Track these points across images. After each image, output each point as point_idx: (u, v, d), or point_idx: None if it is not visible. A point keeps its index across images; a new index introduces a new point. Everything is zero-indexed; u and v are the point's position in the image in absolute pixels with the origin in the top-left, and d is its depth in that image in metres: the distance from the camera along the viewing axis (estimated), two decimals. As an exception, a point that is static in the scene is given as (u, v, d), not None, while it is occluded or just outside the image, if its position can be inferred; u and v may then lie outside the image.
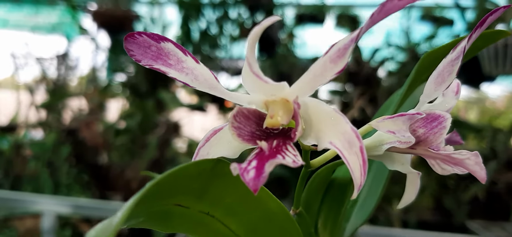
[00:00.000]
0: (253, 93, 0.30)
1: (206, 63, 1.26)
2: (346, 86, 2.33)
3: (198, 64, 0.28)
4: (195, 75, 0.29)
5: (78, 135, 2.44)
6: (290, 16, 2.86)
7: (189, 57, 0.28)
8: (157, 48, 0.27)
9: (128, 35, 0.27)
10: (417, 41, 2.46)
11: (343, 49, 0.26)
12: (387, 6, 0.26)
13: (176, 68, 0.28)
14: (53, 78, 3.01)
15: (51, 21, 3.44)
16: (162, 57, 0.27)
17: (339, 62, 0.27)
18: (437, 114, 0.33)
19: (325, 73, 0.27)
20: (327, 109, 0.28)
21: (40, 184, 2.43)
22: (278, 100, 0.29)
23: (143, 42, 0.27)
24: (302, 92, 0.29)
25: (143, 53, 0.27)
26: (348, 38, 0.26)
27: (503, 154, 2.25)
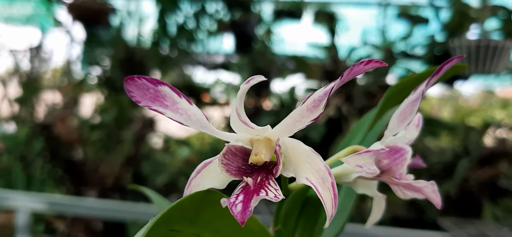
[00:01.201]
0: (239, 133, 0.33)
1: (183, 58, 1.25)
2: (322, 84, 2.34)
3: (191, 105, 0.31)
4: (189, 115, 0.31)
5: (52, 130, 2.40)
6: (267, 12, 2.85)
7: (183, 99, 0.30)
8: (155, 90, 0.30)
9: (129, 78, 0.29)
10: (393, 39, 2.48)
11: (317, 100, 0.31)
12: (354, 69, 0.29)
13: (171, 109, 0.30)
14: (26, 70, 2.96)
15: (25, 13, 3.37)
16: (159, 99, 0.30)
17: (314, 111, 0.31)
18: (399, 147, 0.37)
19: (302, 119, 0.32)
20: (305, 148, 0.33)
21: (12, 178, 2.40)
22: (262, 139, 0.33)
23: (142, 85, 0.29)
24: (283, 134, 0.33)
25: (142, 95, 0.30)
26: (322, 92, 0.30)
27: (475, 151, 2.29)
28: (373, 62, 0.29)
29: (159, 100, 0.30)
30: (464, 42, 2.02)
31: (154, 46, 2.74)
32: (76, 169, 2.44)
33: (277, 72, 2.65)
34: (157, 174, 2.41)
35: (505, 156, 2.32)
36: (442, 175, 2.29)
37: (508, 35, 2.09)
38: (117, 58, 2.64)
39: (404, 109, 0.37)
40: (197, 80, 2.85)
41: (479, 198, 2.22)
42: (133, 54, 2.65)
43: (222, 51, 2.97)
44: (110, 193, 2.34)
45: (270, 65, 2.63)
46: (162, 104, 0.30)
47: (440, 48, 2.30)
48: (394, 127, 0.38)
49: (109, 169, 2.34)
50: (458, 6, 2.22)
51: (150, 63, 2.68)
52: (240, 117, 0.31)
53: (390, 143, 0.38)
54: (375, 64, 0.29)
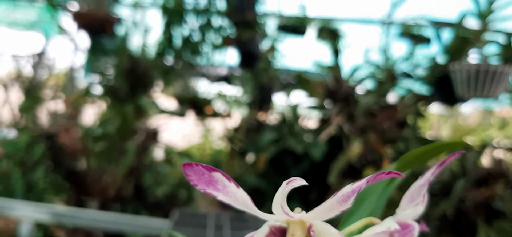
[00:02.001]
0: (278, 215, 0.37)
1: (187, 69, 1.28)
2: (325, 103, 2.37)
3: (238, 189, 0.34)
4: (237, 198, 0.35)
5: (56, 139, 2.41)
6: (272, 27, 2.88)
7: (232, 184, 0.34)
8: (209, 176, 0.33)
9: (187, 164, 0.33)
10: (395, 59, 2.51)
11: (346, 196, 0.34)
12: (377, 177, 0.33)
13: (222, 192, 0.34)
14: (28, 76, 2.97)
15: (30, 18, 3.38)
16: (212, 183, 0.34)
17: (343, 204, 0.34)
18: (408, 224, 0.42)
19: (332, 210, 0.35)
20: (334, 232, 0.36)
21: (11, 184, 2.40)
22: (297, 221, 0.37)
23: (198, 171, 0.33)
24: (316, 219, 0.36)
25: (198, 179, 0.33)
26: (350, 189, 0.33)
27: (472, 172, 2.32)
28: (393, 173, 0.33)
29: (212, 184, 0.34)
30: (464, 66, 2.05)
31: (158, 56, 2.76)
32: (78, 179, 2.45)
33: (279, 87, 2.67)
34: (158, 185, 2.43)
35: (501, 177, 2.34)
36: (440, 195, 2.31)
37: (507, 60, 2.13)
38: (121, 67, 2.65)
39: (413, 192, 0.42)
40: (200, 91, 2.87)
41: (475, 219, 2.24)
42: (138, 64, 2.66)
43: (226, 64, 3.00)
44: (112, 204, 2.36)
45: (272, 81, 2.66)
46: (215, 188, 0.34)
47: (441, 70, 2.33)
48: (404, 207, 0.43)
49: (111, 180, 2.35)
50: (459, 30, 2.25)
51: (154, 73, 2.70)
52: (283, 208, 0.35)
53: (401, 219, 0.43)
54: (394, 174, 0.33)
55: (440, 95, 2.39)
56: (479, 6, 2.15)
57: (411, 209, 0.44)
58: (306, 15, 2.89)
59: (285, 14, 2.97)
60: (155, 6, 2.84)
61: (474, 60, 2.15)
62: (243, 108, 2.87)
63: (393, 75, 2.38)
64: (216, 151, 3.05)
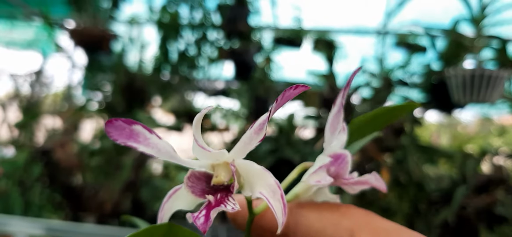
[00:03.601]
0: (202, 159, 0.38)
1: (183, 84, 1.29)
2: (321, 111, 2.36)
3: (160, 139, 0.35)
4: (158, 148, 0.35)
5: (52, 155, 2.41)
6: (267, 40, 2.89)
7: (153, 135, 0.35)
8: (130, 129, 0.34)
9: (107, 121, 0.33)
10: (391, 68, 2.51)
11: (261, 124, 0.35)
12: (286, 94, 0.33)
13: (143, 143, 0.34)
14: (26, 95, 2.98)
15: (27, 37, 3.40)
16: (133, 136, 0.34)
17: (260, 133, 0.35)
18: (339, 154, 0.43)
19: (251, 142, 0.36)
20: (257, 167, 0.37)
21: (10, 203, 2.39)
22: (221, 163, 0.37)
23: (118, 125, 0.33)
24: (238, 156, 0.37)
25: (119, 134, 0.34)
26: (265, 117, 0.34)
27: (473, 179, 2.30)
28: (300, 86, 0.33)
29: (133, 137, 0.34)
30: (459, 72, 2.05)
31: (155, 72, 2.77)
32: (75, 195, 2.43)
33: (276, 98, 2.67)
34: (156, 200, 2.42)
35: (501, 183, 2.33)
36: (441, 202, 2.30)
37: (502, 65, 2.13)
38: (118, 83, 2.66)
39: (331, 123, 0.43)
40: (197, 105, 2.87)
41: (476, 225, 2.22)
42: (134, 80, 2.67)
43: (223, 77, 3.01)
44: (109, 219, 2.34)
45: (269, 92, 2.66)
46: (136, 140, 0.34)
47: (436, 77, 2.33)
48: (328, 139, 0.43)
49: (108, 195, 2.34)
50: (453, 36, 2.25)
51: (151, 88, 2.71)
52: (198, 142, 0.36)
53: (331, 152, 0.43)
54: (303, 88, 0.33)
55: (437, 101, 2.39)
56: (472, 11, 2.16)
57: (336, 140, 0.45)
58: (302, 27, 2.91)
59: (280, 26, 2.99)
60: (151, 22, 2.85)
61: (470, 65, 2.15)
62: (241, 121, 2.87)
63: (389, 83, 2.38)
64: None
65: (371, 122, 0.48)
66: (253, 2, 2.68)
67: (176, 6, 2.71)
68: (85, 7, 2.67)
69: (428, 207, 2.32)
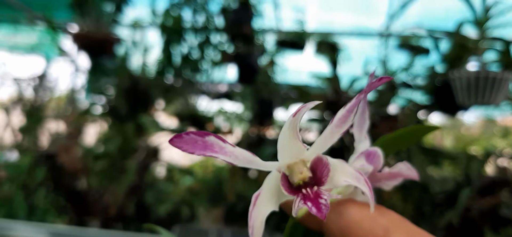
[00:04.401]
0: (281, 159, 0.37)
1: (187, 87, 1.29)
2: (325, 114, 2.36)
3: (235, 147, 0.35)
4: (236, 156, 0.35)
5: (56, 160, 2.41)
6: (270, 42, 2.90)
7: (227, 144, 0.35)
8: (203, 141, 0.34)
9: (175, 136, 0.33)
10: (394, 70, 2.51)
11: (344, 116, 0.35)
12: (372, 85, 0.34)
13: (221, 153, 0.35)
14: (30, 99, 2.98)
15: (30, 42, 3.41)
16: (208, 147, 0.34)
17: (342, 125, 0.36)
18: (371, 150, 0.43)
19: (333, 135, 0.37)
20: (335, 160, 0.37)
21: (14, 207, 2.40)
22: (299, 161, 0.37)
23: (190, 139, 0.34)
24: (318, 151, 0.37)
25: (193, 147, 0.34)
26: (345, 110, 0.35)
27: (477, 181, 2.30)
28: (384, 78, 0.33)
29: (209, 148, 0.34)
30: (463, 74, 2.05)
31: (158, 75, 2.77)
32: (79, 199, 2.44)
33: (279, 101, 2.68)
34: (161, 203, 2.42)
35: (506, 185, 2.33)
36: (445, 204, 2.29)
37: (507, 67, 2.12)
38: (122, 87, 2.66)
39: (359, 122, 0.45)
40: (201, 109, 2.87)
41: (481, 227, 2.22)
42: (138, 83, 2.67)
43: (226, 81, 3.01)
44: (113, 223, 2.34)
45: (272, 95, 2.67)
46: (213, 151, 0.34)
47: (440, 79, 2.33)
48: (358, 137, 0.45)
49: (113, 199, 2.34)
50: (457, 38, 2.25)
51: (155, 92, 2.71)
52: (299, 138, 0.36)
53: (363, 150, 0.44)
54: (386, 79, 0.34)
55: (441, 104, 2.38)
56: (475, 13, 2.15)
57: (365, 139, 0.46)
58: (305, 29, 2.91)
59: (283, 29, 3.00)
60: (154, 26, 2.86)
61: (474, 67, 2.15)
62: (244, 124, 2.87)
63: (392, 85, 2.37)
64: (218, 168, 3.04)
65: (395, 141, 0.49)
66: (256, 5, 2.69)
67: (179, 9, 2.72)
68: (88, 11, 2.68)
69: (433, 209, 2.31)
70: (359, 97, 0.34)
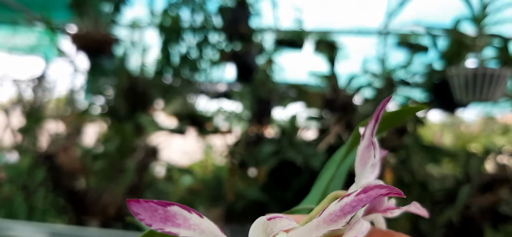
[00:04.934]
0: None
1: (186, 87, 1.29)
2: (323, 112, 2.37)
3: (202, 218, 0.30)
4: (202, 230, 0.30)
5: (55, 160, 2.41)
6: (269, 41, 2.90)
7: (193, 214, 0.29)
8: (164, 211, 0.29)
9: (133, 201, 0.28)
10: (393, 68, 2.51)
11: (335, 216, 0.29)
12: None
13: (184, 226, 0.29)
14: (29, 100, 2.99)
15: (29, 43, 3.42)
16: (170, 219, 0.29)
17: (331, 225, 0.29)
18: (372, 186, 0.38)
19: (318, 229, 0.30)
20: None
21: (14, 208, 2.40)
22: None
23: (149, 207, 0.28)
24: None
25: (151, 217, 0.28)
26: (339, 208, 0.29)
27: (477, 178, 2.30)
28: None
29: (170, 220, 0.29)
30: (461, 71, 2.05)
31: (157, 75, 2.77)
32: (78, 199, 2.44)
33: (278, 100, 2.68)
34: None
35: (506, 182, 2.33)
36: (445, 202, 2.29)
37: (505, 63, 2.12)
38: (121, 87, 2.67)
39: (362, 156, 0.39)
40: (200, 108, 2.87)
41: (481, 224, 2.22)
42: (136, 84, 2.68)
43: (225, 80, 3.02)
44: (113, 223, 2.35)
45: (271, 94, 2.67)
46: (174, 224, 0.29)
47: (439, 76, 2.33)
48: (359, 173, 0.40)
49: (112, 199, 2.35)
50: (455, 35, 2.25)
51: (153, 92, 2.71)
52: None
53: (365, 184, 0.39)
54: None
55: (439, 101, 2.39)
56: (473, 10, 2.16)
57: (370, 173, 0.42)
58: (303, 28, 2.91)
59: (282, 28, 3.00)
60: (153, 26, 2.86)
61: (471, 64, 2.15)
62: (243, 123, 2.88)
63: (391, 83, 2.38)
64: (218, 168, 3.04)
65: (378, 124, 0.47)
66: (254, 4, 2.69)
67: (178, 9, 2.72)
68: (86, 12, 2.68)
69: (432, 207, 2.31)
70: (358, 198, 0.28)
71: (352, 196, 0.28)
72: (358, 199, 0.28)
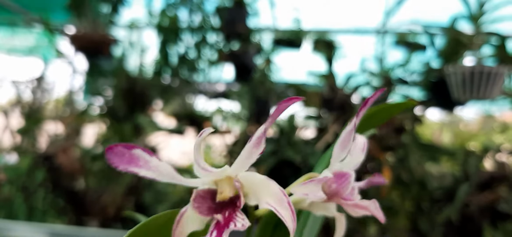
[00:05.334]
0: (204, 177, 0.37)
1: (184, 87, 1.29)
2: (321, 111, 2.37)
3: (161, 161, 0.34)
4: (160, 171, 0.35)
5: (54, 161, 2.42)
6: (267, 41, 2.90)
7: (153, 157, 0.34)
8: (130, 154, 0.33)
9: (107, 148, 0.32)
10: (391, 66, 2.51)
11: (259, 137, 0.35)
12: (280, 107, 0.33)
13: (144, 167, 0.34)
14: (28, 101, 2.99)
15: (28, 44, 3.43)
16: (133, 160, 0.33)
17: (259, 146, 0.35)
18: (344, 172, 0.42)
19: (251, 155, 0.36)
20: (260, 177, 0.37)
21: (14, 209, 2.40)
22: (224, 178, 0.37)
23: (119, 151, 0.33)
24: (239, 170, 0.37)
25: (119, 160, 0.33)
26: (262, 130, 0.34)
27: (475, 176, 2.30)
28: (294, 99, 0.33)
29: (134, 162, 0.33)
30: (458, 69, 2.05)
31: (156, 75, 2.78)
32: (77, 199, 2.44)
33: (276, 100, 2.68)
34: (159, 204, 2.42)
35: (504, 180, 2.33)
36: (444, 200, 2.29)
37: (502, 61, 2.13)
38: (119, 88, 2.67)
39: (343, 140, 0.42)
40: (198, 108, 2.88)
41: (480, 222, 2.22)
42: (135, 84, 2.68)
43: (223, 80, 3.02)
44: (112, 223, 2.35)
45: (269, 93, 2.67)
46: (136, 165, 0.33)
47: (436, 74, 2.33)
48: (337, 155, 0.43)
49: (111, 199, 2.35)
50: (452, 34, 2.26)
51: (152, 92, 2.72)
52: (200, 164, 0.35)
53: (337, 169, 0.43)
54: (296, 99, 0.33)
55: (437, 99, 2.39)
56: (470, 9, 2.16)
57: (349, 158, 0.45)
58: (301, 28, 2.91)
59: (280, 27, 3.00)
60: (151, 26, 2.87)
61: (469, 62, 2.15)
62: (242, 123, 2.88)
63: (389, 81, 2.38)
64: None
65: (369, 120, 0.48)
66: (251, 4, 2.70)
67: (176, 9, 2.73)
68: (85, 13, 2.68)
69: (431, 206, 2.31)
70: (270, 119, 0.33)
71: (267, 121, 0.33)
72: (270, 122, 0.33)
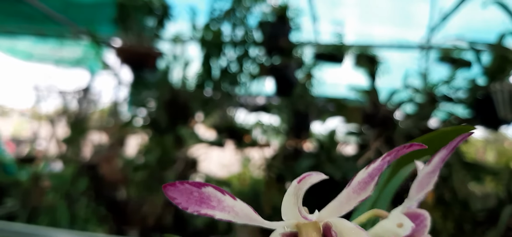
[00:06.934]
0: (287, 220, 0.33)
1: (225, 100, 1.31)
2: (363, 127, 2.34)
3: (236, 200, 0.31)
4: (236, 212, 0.31)
5: (97, 170, 2.48)
6: (308, 56, 2.90)
7: (227, 196, 0.30)
8: (199, 193, 0.30)
9: (169, 185, 0.30)
10: (435, 83, 2.47)
11: (362, 183, 0.31)
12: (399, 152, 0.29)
13: (218, 208, 0.31)
14: (74, 111, 3.09)
15: (75, 56, 3.54)
16: (205, 201, 0.30)
17: (361, 192, 0.31)
18: (418, 213, 0.40)
19: (350, 201, 0.32)
20: (351, 225, 0.33)
21: (57, 216, 2.47)
22: (310, 223, 0.33)
23: (185, 190, 0.30)
24: (331, 216, 0.33)
25: (187, 200, 0.30)
26: (366, 174, 0.30)
27: (520, 197, 2.23)
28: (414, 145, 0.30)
29: (205, 202, 0.30)
30: (505, 86, 2.00)
31: (198, 88, 2.81)
32: (119, 209, 2.49)
33: (317, 114, 2.68)
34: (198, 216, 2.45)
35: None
36: (487, 223, 2.22)
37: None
38: (162, 100, 2.72)
39: (421, 180, 0.40)
40: (239, 121, 2.90)
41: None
42: (178, 96, 2.72)
43: (264, 93, 3.03)
44: (151, 233, 2.39)
45: (309, 108, 2.67)
46: (209, 206, 0.30)
47: (482, 92, 2.28)
48: (413, 196, 0.41)
49: (151, 209, 2.39)
50: (498, 50, 2.20)
51: (194, 105, 2.75)
52: (301, 213, 0.32)
53: (410, 210, 0.41)
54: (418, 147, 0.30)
55: (482, 117, 2.32)
56: (518, 25, 2.10)
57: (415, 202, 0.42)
58: (343, 42, 2.90)
59: (322, 42, 3.00)
60: (195, 40, 2.91)
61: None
62: (281, 137, 2.88)
63: (433, 98, 2.33)
64: (255, 180, 3.05)
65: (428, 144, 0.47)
66: (294, 19, 2.71)
67: (219, 24, 2.76)
68: (131, 26, 2.76)
69: (474, 228, 2.24)
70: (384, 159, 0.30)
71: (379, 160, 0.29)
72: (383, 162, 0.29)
